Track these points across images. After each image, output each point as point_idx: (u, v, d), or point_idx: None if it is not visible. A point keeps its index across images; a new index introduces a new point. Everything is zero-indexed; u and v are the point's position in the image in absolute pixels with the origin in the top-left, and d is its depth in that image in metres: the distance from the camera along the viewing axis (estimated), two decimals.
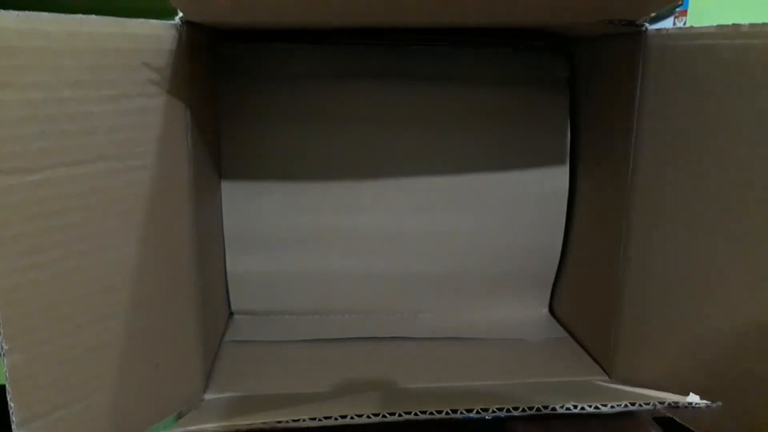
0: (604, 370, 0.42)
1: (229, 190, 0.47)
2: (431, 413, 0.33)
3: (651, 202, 0.37)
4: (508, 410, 0.33)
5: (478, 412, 0.33)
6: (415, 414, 0.33)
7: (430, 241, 0.49)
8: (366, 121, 0.47)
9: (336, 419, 0.32)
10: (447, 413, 0.33)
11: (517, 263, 0.50)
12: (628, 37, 0.37)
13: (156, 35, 0.31)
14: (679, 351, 0.36)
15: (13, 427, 0.27)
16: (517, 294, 0.51)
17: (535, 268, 0.50)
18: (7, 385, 0.27)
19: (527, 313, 0.51)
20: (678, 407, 0.34)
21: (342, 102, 0.47)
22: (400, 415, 0.33)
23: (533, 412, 0.34)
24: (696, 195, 0.34)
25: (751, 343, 0.31)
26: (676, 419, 0.35)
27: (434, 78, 0.47)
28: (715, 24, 0.32)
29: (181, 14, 0.33)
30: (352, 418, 0.32)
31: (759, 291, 0.31)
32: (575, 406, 0.34)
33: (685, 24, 0.69)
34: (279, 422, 0.32)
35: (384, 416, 0.32)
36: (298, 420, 0.32)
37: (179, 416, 0.35)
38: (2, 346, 0.26)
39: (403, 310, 0.50)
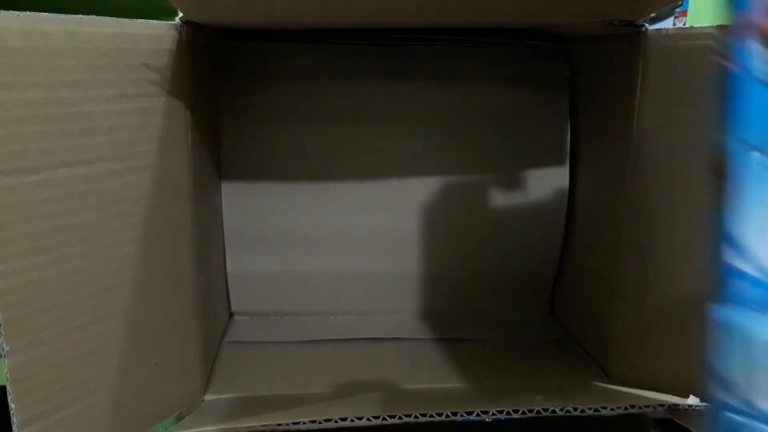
0: (604, 371, 0.42)
1: (229, 190, 0.47)
2: (431, 416, 0.33)
3: (650, 202, 0.37)
4: (508, 413, 0.33)
5: (478, 415, 0.33)
6: (416, 417, 0.33)
7: (430, 242, 0.49)
8: (366, 121, 0.47)
9: (336, 422, 0.32)
10: (447, 416, 0.33)
11: (517, 263, 0.50)
12: (628, 37, 0.37)
13: (156, 35, 0.31)
14: (679, 352, 0.36)
15: (14, 428, 0.27)
16: (517, 294, 0.51)
17: (535, 268, 0.50)
18: (7, 386, 0.27)
19: (527, 313, 0.51)
20: (678, 409, 0.34)
21: (342, 102, 0.47)
22: (400, 417, 0.33)
23: (533, 414, 0.34)
24: (695, 196, 0.34)
25: None
26: (677, 421, 0.35)
27: (434, 78, 0.47)
28: (715, 24, 0.32)
29: (181, 14, 0.33)
30: (352, 420, 0.32)
31: None
32: (575, 409, 0.34)
33: (685, 24, 0.69)
34: (279, 425, 0.32)
35: (384, 419, 0.32)
36: (298, 422, 0.32)
37: (179, 417, 0.35)
38: (3, 347, 0.26)
39: (403, 311, 0.50)
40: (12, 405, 0.27)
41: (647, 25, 0.36)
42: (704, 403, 0.21)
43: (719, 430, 0.20)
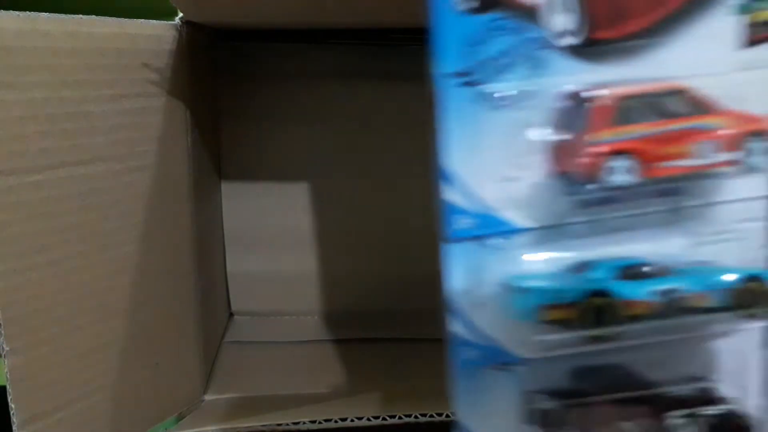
0: None
1: (229, 190, 0.47)
2: (431, 416, 0.33)
3: None
4: None
5: None
6: (415, 417, 0.33)
7: (431, 241, 0.49)
8: (366, 120, 0.47)
9: (336, 422, 0.32)
10: (447, 416, 0.33)
11: None
12: None
13: (156, 35, 0.31)
14: None
15: (14, 428, 0.27)
16: None
17: None
18: (7, 386, 0.27)
19: None
20: None
21: (342, 102, 0.47)
22: (400, 417, 0.33)
23: None
24: None
25: None
26: None
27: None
28: None
29: (181, 14, 0.33)
30: (352, 420, 0.32)
31: None
32: None
33: None
34: (279, 425, 0.32)
35: (384, 419, 0.32)
36: (298, 422, 0.32)
37: (179, 417, 0.35)
38: (3, 347, 0.26)
39: (404, 311, 0.50)
40: (12, 405, 0.27)
41: None
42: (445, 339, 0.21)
43: (456, 364, 0.21)
